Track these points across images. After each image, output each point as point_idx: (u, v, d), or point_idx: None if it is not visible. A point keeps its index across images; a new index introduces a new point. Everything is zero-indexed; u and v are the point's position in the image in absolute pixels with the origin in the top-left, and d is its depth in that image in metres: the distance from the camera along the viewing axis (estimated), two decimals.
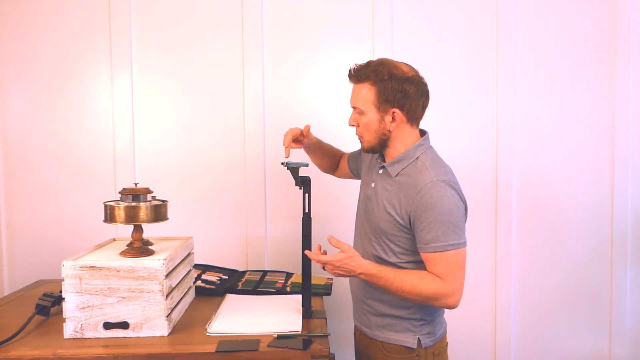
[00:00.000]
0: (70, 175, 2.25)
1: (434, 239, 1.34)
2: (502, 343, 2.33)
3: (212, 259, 2.21)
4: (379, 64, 1.42)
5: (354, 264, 1.37)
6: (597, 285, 2.35)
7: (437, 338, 1.50)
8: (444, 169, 1.42)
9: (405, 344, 1.45)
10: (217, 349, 1.33)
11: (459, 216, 1.37)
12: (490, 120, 2.30)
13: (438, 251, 1.34)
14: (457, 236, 1.35)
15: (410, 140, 1.46)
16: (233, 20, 2.25)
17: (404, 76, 1.40)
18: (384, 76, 1.39)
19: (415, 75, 1.43)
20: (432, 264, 1.36)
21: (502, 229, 2.31)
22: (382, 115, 1.42)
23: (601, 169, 2.33)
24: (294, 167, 1.59)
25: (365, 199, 1.54)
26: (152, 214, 1.51)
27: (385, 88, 1.39)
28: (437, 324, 1.51)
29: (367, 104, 1.42)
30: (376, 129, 1.44)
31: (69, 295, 1.40)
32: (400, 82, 1.39)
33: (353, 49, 2.26)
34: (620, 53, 2.28)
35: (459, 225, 1.37)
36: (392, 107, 1.40)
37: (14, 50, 2.23)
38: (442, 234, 1.34)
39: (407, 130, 1.45)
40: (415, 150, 1.44)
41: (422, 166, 1.41)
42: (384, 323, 1.49)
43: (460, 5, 2.28)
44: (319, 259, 1.40)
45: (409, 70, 1.43)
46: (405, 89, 1.39)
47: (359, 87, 1.44)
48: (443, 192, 1.35)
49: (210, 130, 2.27)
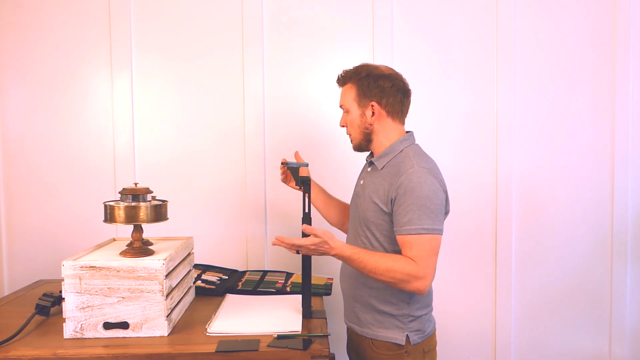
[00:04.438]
0: (70, 176, 2.25)
1: (409, 222, 1.39)
2: (502, 343, 2.33)
3: (212, 259, 2.22)
4: (360, 66, 1.56)
5: (327, 247, 1.42)
6: (597, 285, 2.35)
7: (426, 335, 1.52)
8: (426, 159, 1.50)
9: (394, 341, 1.48)
10: (217, 349, 1.33)
11: (437, 203, 1.42)
12: (490, 120, 2.30)
13: (412, 233, 1.39)
14: (432, 222, 1.39)
15: (394, 135, 1.54)
16: (233, 20, 2.24)
17: (380, 73, 1.52)
18: (362, 75, 1.52)
19: (392, 73, 1.54)
20: (408, 247, 1.40)
21: (502, 228, 2.31)
22: (362, 110, 1.53)
23: (601, 169, 2.33)
24: (294, 167, 1.59)
25: (355, 197, 1.62)
26: (152, 214, 1.51)
27: (363, 84, 1.51)
28: (426, 321, 1.53)
29: (350, 102, 1.55)
30: (359, 124, 1.54)
31: (69, 295, 1.40)
32: (375, 78, 1.51)
33: (353, 50, 2.26)
34: (620, 53, 2.28)
35: (436, 212, 1.41)
36: (370, 100, 1.51)
37: (16, 51, 2.23)
38: (417, 217, 1.38)
39: (390, 125, 1.54)
40: (400, 144, 1.53)
41: (406, 156, 1.49)
42: (373, 320, 1.51)
43: (460, 6, 2.28)
44: (291, 242, 1.42)
45: (386, 69, 1.55)
46: (381, 84, 1.50)
47: (344, 88, 1.58)
48: (423, 178, 1.41)
49: (210, 130, 2.27)
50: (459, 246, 2.31)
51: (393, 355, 1.48)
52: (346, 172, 2.15)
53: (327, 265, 2.20)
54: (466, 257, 2.32)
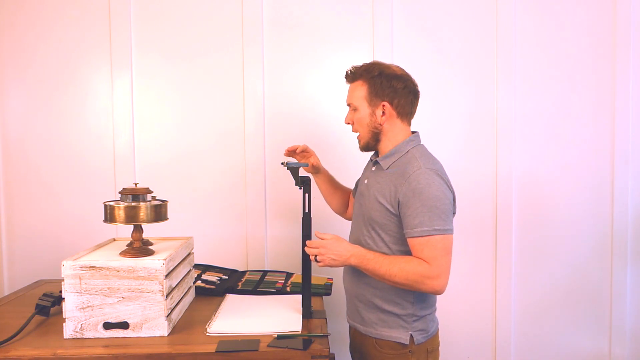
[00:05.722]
0: (70, 176, 2.25)
1: (420, 224, 1.38)
2: (502, 343, 2.33)
3: (212, 259, 2.22)
4: (371, 64, 1.54)
5: (341, 248, 1.44)
6: (597, 284, 2.35)
7: (430, 335, 1.52)
8: (432, 160, 1.49)
9: (398, 340, 1.47)
10: (217, 349, 1.33)
11: (446, 203, 1.41)
12: (490, 120, 2.30)
13: (424, 235, 1.38)
14: (443, 222, 1.39)
15: (401, 135, 1.53)
16: (233, 20, 2.24)
17: (393, 73, 1.50)
18: (374, 73, 1.50)
19: (404, 74, 1.53)
20: (419, 249, 1.39)
21: (503, 228, 2.31)
22: (373, 109, 1.51)
23: (601, 168, 2.32)
24: (294, 167, 1.59)
25: (359, 196, 1.61)
26: (152, 214, 1.51)
27: (375, 84, 1.49)
28: (430, 321, 1.53)
29: (360, 100, 1.52)
30: (368, 123, 1.52)
31: (69, 295, 1.40)
32: (389, 79, 1.49)
33: (353, 50, 2.26)
34: (620, 53, 2.28)
35: (446, 212, 1.41)
36: (382, 100, 1.49)
37: (16, 51, 2.23)
38: (429, 219, 1.38)
39: (398, 126, 1.53)
40: (406, 145, 1.52)
41: (412, 157, 1.48)
42: (377, 319, 1.51)
43: (460, 6, 2.28)
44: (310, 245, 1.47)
45: (398, 69, 1.53)
46: (394, 85, 1.49)
47: (353, 85, 1.55)
48: (430, 179, 1.41)
49: (211, 130, 2.27)
50: (459, 246, 2.29)
51: (397, 355, 1.48)
52: (347, 171, 2.14)
53: None
54: (466, 257, 2.31)
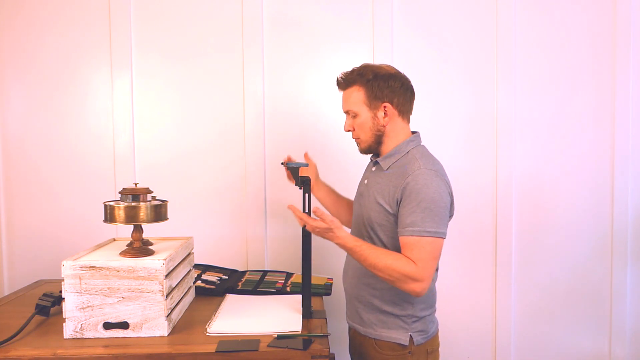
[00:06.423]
0: (70, 175, 2.25)
1: (412, 223, 1.38)
2: (502, 343, 2.33)
3: (212, 259, 2.22)
4: (362, 67, 1.52)
5: (331, 234, 1.42)
6: (597, 285, 2.35)
7: (430, 336, 1.52)
8: (433, 161, 1.48)
9: (398, 341, 1.47)
10: (217, 349, 1.33)
11: (442, 207, 1.40)
12: (490, 120, 2.30)
13: (415, 235, 1.38)
14: (435, 225, 1.38)
15: (402, 135, 1.53)
16: (233, 20, 2.24)
17: (387, 74, 1.50)
18: (369, 76, 1.48)
19: (398, 73, 1.53)
20: (409, 249, 1.39)
21: (503, 228, 2.31)
22: (374, 112, 1.50)
23: (601, 169, 2.32)
24: (294, 167, 1.59)
25: (359, 197, 1.60)
26: (152, 214, 1.51)
27: (372, 86, 1.48)
28: (429, 321, 1.53)
29: (359, 105, 1.51)
30: (371, 126, 1.51)
31: (69, 295, 1.40)
32: (385, 79, 1.49)
33: (353, 50, 2.26)
34: (620, 53, 2.28)
35: (440, 215, 1.40)
36: (382, 102, 1.49)
37: (16, 51, 2.23)
38: (421, 219, 1.38)
39: (400, 125, 1.53)
40: (406, 145, 1.52)
41: (412, 157, 1.47)
42: (376, 320, 1.51)
43: (460, 7, 2.28)
44: (303, 216, 1.45)
45: (390, 68, 1.53)
46: (391, 85, 1.49)
47: (347, 92, 1.53)
48: (429, 180, 1.40)
49: (210, 130, 2.27)
50: (459, 246, 2.31)
51: (396, 356, 1.48)
52: (347, 171, 2.15)
53: (327, 265, 2.20)
54: (466, 257, 2.32)
